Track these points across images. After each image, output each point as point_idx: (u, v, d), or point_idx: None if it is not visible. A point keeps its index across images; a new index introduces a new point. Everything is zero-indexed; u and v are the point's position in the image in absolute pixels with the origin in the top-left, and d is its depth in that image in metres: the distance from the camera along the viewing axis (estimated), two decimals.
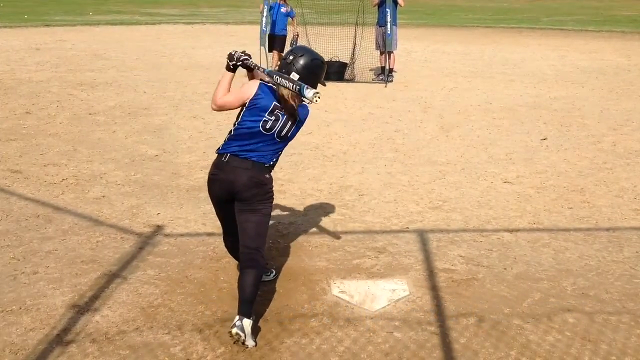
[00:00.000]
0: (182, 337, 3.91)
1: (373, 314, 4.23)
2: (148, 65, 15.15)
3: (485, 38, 22.83)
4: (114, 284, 4.56)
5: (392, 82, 13.42)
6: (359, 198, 6.47)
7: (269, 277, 4.63)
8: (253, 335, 3.82)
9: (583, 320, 4.16)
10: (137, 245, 5.23)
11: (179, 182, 6.85)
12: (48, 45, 18.34)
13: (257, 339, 3.85)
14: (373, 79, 13.88)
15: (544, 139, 8.86)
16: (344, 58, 13.77)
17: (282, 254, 5.12)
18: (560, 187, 6.89)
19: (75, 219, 5.77)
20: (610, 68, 15.79)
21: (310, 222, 5.84)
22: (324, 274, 4.78)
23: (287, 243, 5.34)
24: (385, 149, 8.32)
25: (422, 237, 5.51)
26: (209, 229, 5.55)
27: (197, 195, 6.36)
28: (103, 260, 4.93)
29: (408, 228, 5.72)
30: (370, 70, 14.39)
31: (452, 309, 4.29)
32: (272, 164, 4.11)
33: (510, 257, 5.13)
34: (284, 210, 6.05)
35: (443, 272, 4.85)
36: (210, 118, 9.74)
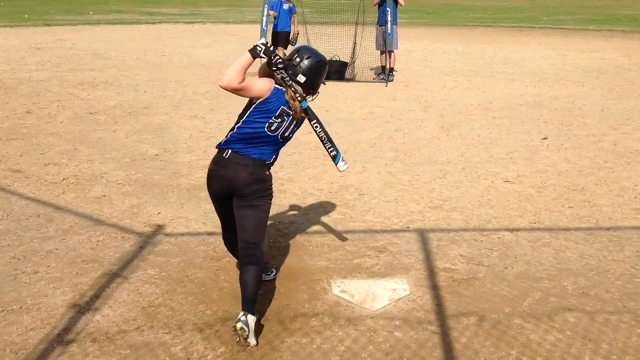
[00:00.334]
0: (182, 336, 3.91)
1: (374, 314, 4.23)
2: (148, 65, 15.15)
3: (486, 37, 22.82)
4: (115, 284, 4.56)
5: (392, 81, 13.41)
6: (360, 197, 6.47)
7: (270, 276, 4.63)
8: (256, 334, 3.82)
9: (584, 320, 4.16)
10: (137, 245, 5.24)
11: (180, 181, 6.86)
12: (48, 45, 18.34)
13: (258, 338, 3.85)
14: (373, 79, 13.88)
15: (545, 138, 8.86)
16: (345, 57, 13.76)
17: (282, 254, 5.12)
18: (561, 186, 6.88)
19: (76, 219, 5.78)
20: (611, 67, 15.78)
21: (311, 221, 5.84)
22: (325, 274, 4.78)
23: (287, 242, 5.34)
24: (386, 148, 8.32)
25: (422, 236, 5.51)
26: (210, 229, 5.55)
27: (197, 195, 6.36)
28: (104, 260, 4.94)
29: (408, 227, 5.72)
30: (371, 70, 14.39)
31: (452, 309, 4.29)
32: (272, 161, 4.15)
33: (511, 256, 5.13)
34: (285, 210, 6.05)
35: (444, 271, 4.85)
36: (211, 117, 9.75)
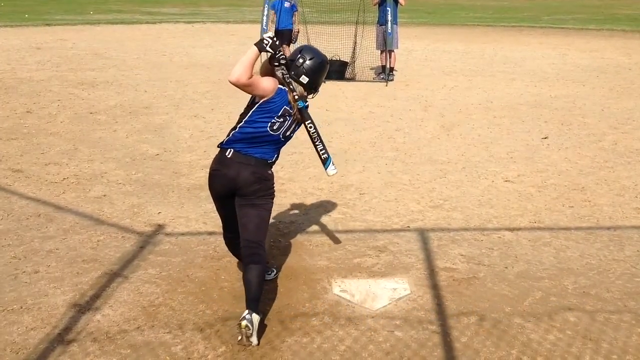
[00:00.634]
0: (183, 336, 3.91)
1: (374, 313, 4.23)
2: (149, 65, 15.15)
3: (486, 37, 22.81)
4: (115, 283, 4.57)
5: (392, 81, 13.41)
6: (360, 197, 6.47)
7: (270, 276, 4.63)
8: (258, 334, 3.82)
9: (584, 319, 4.16)
10: (138, 244, 5.24)
11: (180, 181, 6.86)
12: (49, 45, 18.34)
13: (260, 338, 3.85)
14: (374, 78, 13.88)
15: (545, 138, 8.85)
16: (345, 57, 13.76)
17: (283, 253, 5.12)
18: (561, 185, 6.88)
19: (76, 218, 5.78)
20: (611, 67, 15.77)
21: (311, 221, 5.84)
22: (325, 273, 4.78)
23: (288, 242, 5.34)
24: (386, 148, 8.32)
25: (423, 236, 5.51)
26: (210, 228, 5.55)
27: (198, 194, 6.36)
28: (104, 260, 4.94)
29: (409, 227, 5.72)
30: (371, 69, 14.38)
31: (453, 308, 4.29)
32: (273, 161, 4.17)
33: (511, 256, 5.13)
34: (285, 209, 6.05)
35: (444, 271, 4.85)
36: (211, 117, 9.75)
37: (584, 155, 8.03)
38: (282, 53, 4.04)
